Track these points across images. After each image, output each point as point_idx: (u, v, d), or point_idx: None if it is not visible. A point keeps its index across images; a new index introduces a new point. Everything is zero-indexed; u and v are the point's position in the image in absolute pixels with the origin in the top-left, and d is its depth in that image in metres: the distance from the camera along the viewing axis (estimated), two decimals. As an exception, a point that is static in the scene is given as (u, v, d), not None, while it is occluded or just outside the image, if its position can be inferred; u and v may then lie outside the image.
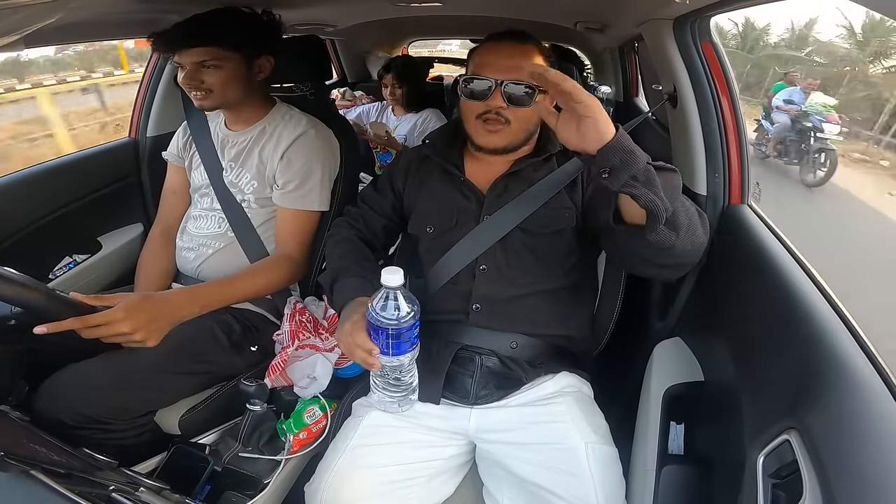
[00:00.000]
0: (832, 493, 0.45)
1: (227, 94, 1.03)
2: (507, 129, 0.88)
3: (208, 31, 0.97)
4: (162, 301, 0.88)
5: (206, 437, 0.96)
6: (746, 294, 0.80)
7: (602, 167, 0.62)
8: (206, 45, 0.97)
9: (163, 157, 1.24)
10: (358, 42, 2.73)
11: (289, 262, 1.08)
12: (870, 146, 9.71)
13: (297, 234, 1.10)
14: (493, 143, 0.90)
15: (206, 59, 0.98)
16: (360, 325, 0.74)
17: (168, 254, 1.18)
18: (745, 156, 0.95)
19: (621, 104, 2.33)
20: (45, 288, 0.74)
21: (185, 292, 0.95)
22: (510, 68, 0.85)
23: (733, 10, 0.90)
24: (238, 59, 1.01)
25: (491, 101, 0.86)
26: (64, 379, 0.85)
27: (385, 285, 0.69)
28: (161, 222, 1.22)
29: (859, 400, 0.52)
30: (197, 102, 1.03)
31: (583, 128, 0.62)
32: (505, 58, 0.86)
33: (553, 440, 0.80)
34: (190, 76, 0.99)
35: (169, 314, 0.88)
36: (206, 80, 0.99)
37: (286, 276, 1.07)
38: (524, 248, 0.90)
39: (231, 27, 0.98)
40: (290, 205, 1.08)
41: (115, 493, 0.56)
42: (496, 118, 0.87)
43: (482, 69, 0.86)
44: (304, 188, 1.08)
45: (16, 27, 0.63)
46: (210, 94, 1.01)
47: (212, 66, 0.99)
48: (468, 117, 0.91)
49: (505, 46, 0.88)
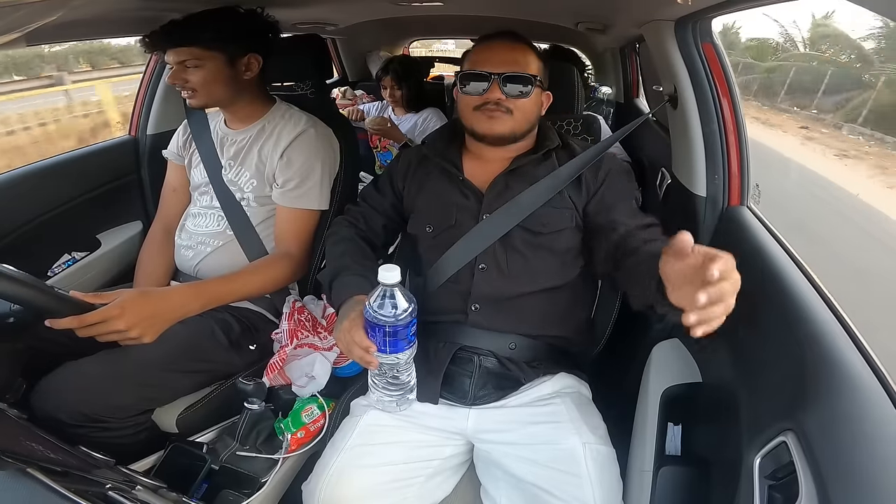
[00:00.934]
0: (828, 495, 0.45)
1: (212, 92, 1.04)
2: (508, 118, 0.89)
3: (187, 32, 0.98)
4: (161, 297, 0.88)
5: (203, 436, 0.96)
6: (744, 295, 0.79)
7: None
8: (185, 45, 0.98)
9: (163, 155, 1.24)
10: (359, 41, 2.73)
11: (289, 260, 1.08)
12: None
13: (296, 232, 1.10)
14: (494, 129, 0.90)
15: (186, 58, 0.99)
16: (358, 323, 0.74)
17: (168, 252, 1.18)
18: (745, 157, 0.95)
19: (622, 105, 2.33)
20: (43, 285, 0.74)
21: (186, 288, 0.95)
22: (506, 62, 0.88)
23: (735, 11, 0.90)
24: (219, 59, 1.01)
25: (489, 94, 0.88)
26: (62, 377, 0.85)
27: (382, 283, 0.69)
28: (161, 220, 1.22)
29: (856, 402, 0.52)
30: (188, 101, 1.05)
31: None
32: (500, 53, 0.89)
33: (551, 440, 0.80)
34: (174, 75, 1.01)
35: (169, 311, 0.88)
36: (190, 79, 1.01)
37: (287, 273, 1.08)
38: (524, 248, 0.90)
39: (211, 27, 0.99)
40: (290, 203, 1.08)
41: (112, 491, 0.56)
42: (496, 108, 0.88)
43: (479, 64, 0.89)
44: (304, 187, 1.08)
45: (17, 24, 0.63)
46: (195, 93, 1.03)
47: (193, 66, 1.00)
48: (465, 110, 0.92)
49: (498, 44, 0.91)
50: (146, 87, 1.47)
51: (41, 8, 0.63)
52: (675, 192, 1.10)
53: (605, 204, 0.90)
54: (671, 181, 1.15)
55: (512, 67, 0.88)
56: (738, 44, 19.10)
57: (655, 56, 1.13)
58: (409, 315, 0.71)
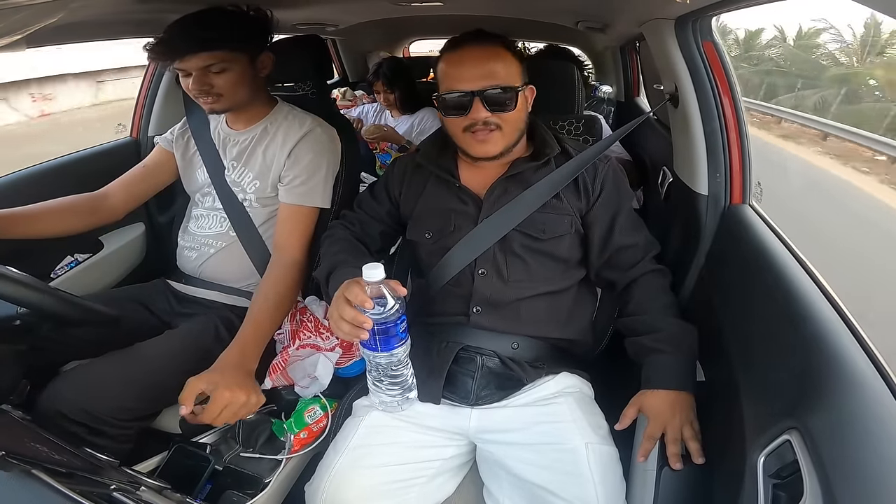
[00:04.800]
0: (833, 494, 0.45)
1: (237, 95, 1.02)
2: (498, 134, 0.87)
3: (210, 34, 0.95)
4: (223, 365, 0.87)
5: (207, 437, 0.96)
6: (747, 294, 0.79)
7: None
8: (210, 50, 0.95)
9: (155, 140, 1.23)
10: (359, 42, 2.73)
11: (297, 268, 1.05)
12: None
13: (298, 232, 1.07)
14: (488, 152, 0.88)
15: (212, 62, 0.96)
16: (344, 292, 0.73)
17: (74, 219, 1.07)
18: (747, 156, 0.95)
19: (622, 104, 2.33)
20: (48, 288, 0.74)
21: (229, 356, 0.89)
22: (483, 75, 0.83)
23: (734, 10, 0.89)
24: (244, 60, 1.00)
25: (473, 114, 0.84)
26: (67, 378, 0.85)
27: (367, 281, 0.70)
28: (104, 190, 1.13)
29: (860, 400, 0.51)
30: (207, 107, 1.02)
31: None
32: (475, 66, 0.84)
33: (554, 440, 0.80)
34: (199, 82, 0.97)
35: (233, 366, 0.86)
36: (216, 84, 0.98)
37: (299, 282, 1.05)
38: (524, 253, 0.90)
39: (232, 28, 0.97)
40: (295, 200, 1.07)
41: (117, 492, 0.56)
42: (484, 128, 0.85)
43: (455, 83, 0.85)
44: (310, 184, 1.06)
45: (17, 27, 0.63)
46: (220, 98, 1.00)
47: (218, 70, 0.97)
48: (455, 132, 0.89)
49: (470, 53, 0.85)
50: (147, 88, 1.47)
51: (41, 10, 0.63)
52: (677, 190, 1.10)
53: (601, 220, 0.92)
54: (673, 180, 1.14)
55: (490, 80, 0.83)
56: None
57: (656, 55, 1.12)
58: (397, 311, 0.71)
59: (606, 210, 0.92)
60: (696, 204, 0.98)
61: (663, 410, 0.78)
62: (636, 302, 0.90)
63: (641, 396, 0.82)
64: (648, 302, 0.89)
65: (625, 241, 0.92)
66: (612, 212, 0.92)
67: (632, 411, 0.82)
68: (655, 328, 0.85)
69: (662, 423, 0.77)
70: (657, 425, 0.77)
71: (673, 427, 0.76)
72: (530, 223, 0.89)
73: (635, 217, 0.95)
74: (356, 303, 0.70)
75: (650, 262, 0.93)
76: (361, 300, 0.70)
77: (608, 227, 0.91)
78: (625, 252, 0.92)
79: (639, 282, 0.92)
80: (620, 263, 0.92)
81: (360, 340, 0.72)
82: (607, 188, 0.92)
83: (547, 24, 1.95)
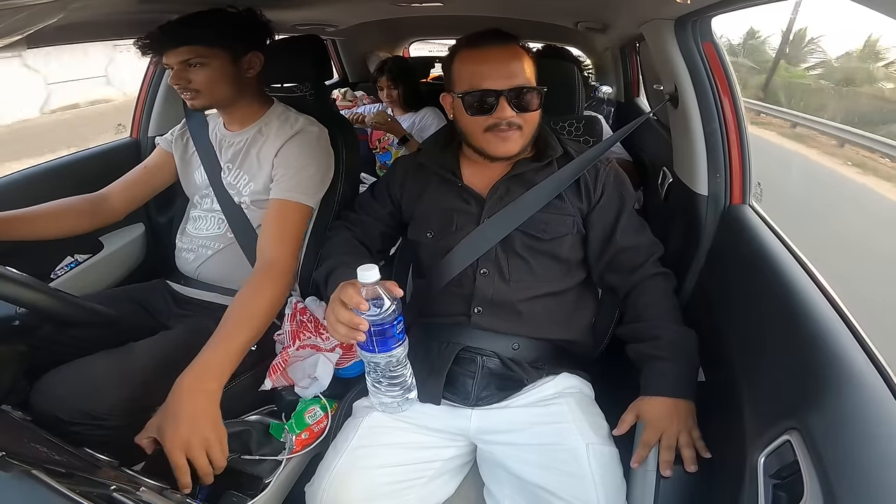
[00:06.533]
0: (833, 494, 0.45)
1: (216, 92, 1.02)
2: (518, 134, 0.87)
3: (190, 30, 0.96)
4: (175, 407, 0.77)
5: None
6: (747, 294, 0.80)
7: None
8: (189, 44, 0.96)
9: (156, 141, 1.24)
10: (359, 42, 2.73)
11: (274, 270, 0.95)
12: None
13: (280, 230, 1.00)
14: (509, 151, 0.88)
15: (190, 57, 0.97)
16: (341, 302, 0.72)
17: (74, 221, 1.06)
18: (747, 156, 0.95)
19: (622, 104, 2.33)
20: (48, 289, 0.74)
21: (185, 381, 0.79)
22: (508, 75, 0.84)
23: (734, 10, 0.90)
24: (224, 56, 1.00)
25: (499, 113, 0.84)
26: (64, 376, 0.85)
27: (362, 283, 0.70)
28: (104, 191, 1.12)
29: (860, 400, 0.51)
30: (189, 103, 1.03)
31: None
32: (499, 65, 0.84)
33: (554, 441, 0.80)
34: (177, 76, 0.98)
35: (191, 409, 0.76)
36: (194, 79, 0.99)
37: (277, 287, 0.95)
38: (526, 253, 0.90)
39: (214, 24, 0.98)
40: (278, 194, 1.03)
41: (117, 492, 0.56)
42: (508, 128, 0.86)
43: (480, 81, 0.85)
44: (296, 179, 1.04)
45: (17, 27, 0.63)
46: (199, 94, 1.00)
47: (197, 65, 0.98)
48: (475, 131, 0.88)
49: (493, 53, 0.86)
50: (147, 89, 1.47)
51: (41, 10, 0.63)
52: (677, 190, 1.10)
53: (603, 222, 0.92)
54: (672, 180, 1.15)
55: (517, 80, 0.83)
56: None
57: (656, 55, 1.13)
58: (393, 312, 0.71)
59: (608, 212, 0.92)
60: (695, 204, 0.98)
61: (660, 418, 0.78)
62: (638, 308, 0.90)
63: (639, 403, 0.82)
64: (650, 308, 0.89)
65: (626, 242, 0.91)
66: (614, 213, 0.92)
67: (630, 417, 0.82)
68: (655, 335, 0.85)
69: (658, 430, 0.77)
70: (653, 432, 0.77)
71: (668, 434, 0.76)
72: (532, 223, 0.89)
73: (638, 219, 0.95)
74: (351, 305, 0.70)
75: (653, 265, 0.92)
76: (356, 302, 0.69)
77: (610, 229, 0.91)
78: (627, 254, 0.91)
79: (641, 287, 0.91)
80: (622, 266, 0.92)
81: (357, 342, 0.72)
82: (608, 190, 0.92)
83: (547, 24, 1.96)
